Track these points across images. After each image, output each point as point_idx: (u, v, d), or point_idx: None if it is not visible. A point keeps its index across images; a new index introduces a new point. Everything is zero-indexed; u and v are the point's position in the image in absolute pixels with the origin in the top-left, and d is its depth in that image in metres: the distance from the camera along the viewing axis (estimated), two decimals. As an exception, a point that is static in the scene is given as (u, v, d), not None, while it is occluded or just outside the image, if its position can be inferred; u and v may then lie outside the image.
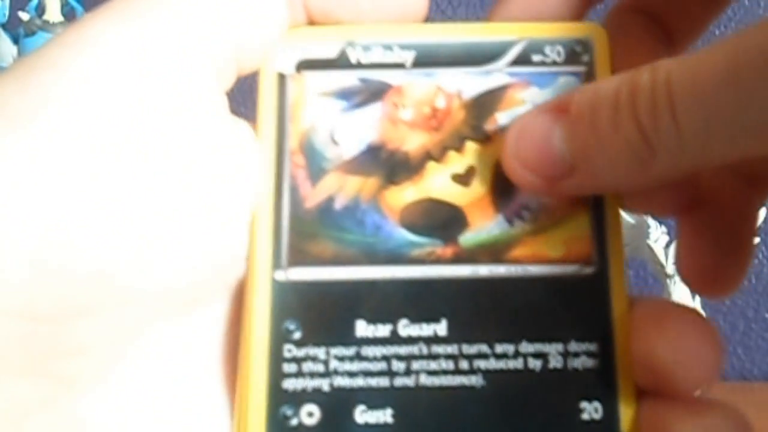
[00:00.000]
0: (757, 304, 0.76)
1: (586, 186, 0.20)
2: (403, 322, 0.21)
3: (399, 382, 0.20)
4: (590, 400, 0.20)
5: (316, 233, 0.21)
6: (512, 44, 0.22)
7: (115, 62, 0.19)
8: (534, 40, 0.22)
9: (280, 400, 0.20)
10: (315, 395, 0.20)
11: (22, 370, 0.18)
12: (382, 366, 0.20)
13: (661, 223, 0.60)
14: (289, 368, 0.20)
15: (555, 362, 0.20)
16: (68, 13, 0.67)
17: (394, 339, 0.21)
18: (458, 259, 0.21)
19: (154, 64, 0.19)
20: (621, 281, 0.21)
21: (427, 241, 0.21)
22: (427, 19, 0.23)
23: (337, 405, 0.20)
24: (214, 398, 0.21)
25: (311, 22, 0.22)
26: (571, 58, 0.22)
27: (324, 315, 0.21)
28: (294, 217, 0.21)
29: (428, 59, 0.22)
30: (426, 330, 0.21)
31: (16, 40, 0.67)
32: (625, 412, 0.20)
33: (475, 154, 0.22)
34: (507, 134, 0.21)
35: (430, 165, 0.22)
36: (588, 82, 0.22)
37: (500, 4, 0.23)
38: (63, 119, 0.18)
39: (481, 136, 0.22)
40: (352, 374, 0.20)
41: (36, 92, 0.18)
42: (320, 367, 0.20)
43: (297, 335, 0.21)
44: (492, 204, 0.22)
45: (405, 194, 0.22)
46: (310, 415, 0.20)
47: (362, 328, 0.21)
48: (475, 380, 0.20)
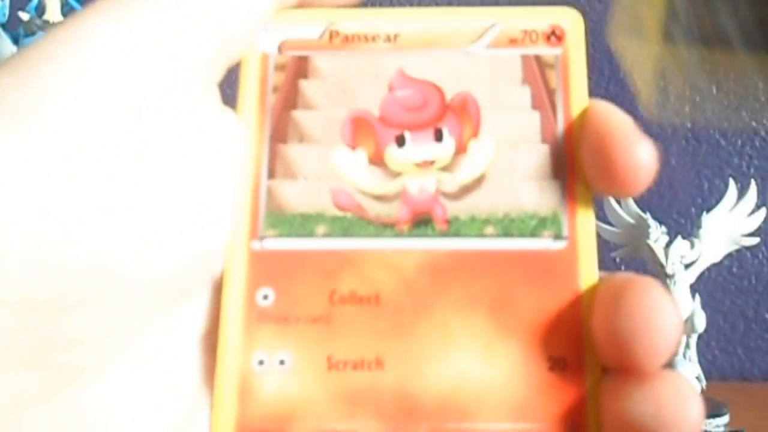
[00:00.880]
0: (757, 304, 0.76)
1: None
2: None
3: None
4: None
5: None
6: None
7: (109, 57, 0.19)
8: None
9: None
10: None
11: (21, 361, 0.18)
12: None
13: (661, 223, 0.60)
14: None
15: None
16: (68, 13, 0.67)
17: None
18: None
19: (147, 57, 0.20)
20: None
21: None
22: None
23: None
24: (202, 388, 0.21)
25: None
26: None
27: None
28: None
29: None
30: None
31: (16, 40, 0.67)
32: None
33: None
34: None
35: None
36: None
37: None
38: (59, 114, 0.18)
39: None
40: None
41: (33, 87, 0.18)
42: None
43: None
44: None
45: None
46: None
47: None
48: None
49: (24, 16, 0.67)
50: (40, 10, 0.67)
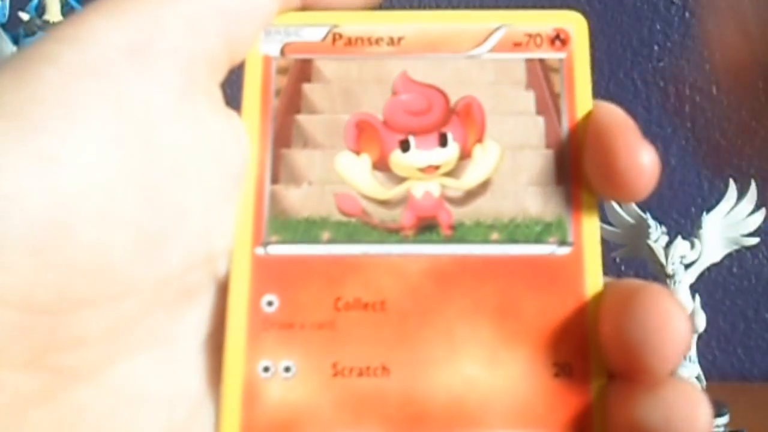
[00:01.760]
0: (757, 304, 0.76)
1: None
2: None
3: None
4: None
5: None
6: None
7: (111, 57, 0.19)
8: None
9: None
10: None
11: (22, 362, 0.18)
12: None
13: (661, 223, 0.60)
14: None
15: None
16: (68, 14, 0.67)
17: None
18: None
19: (149, 57, 0.20)
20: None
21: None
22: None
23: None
24: (206, 388, 0.21)
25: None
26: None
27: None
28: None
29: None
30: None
31: (16, 41, 0.67)
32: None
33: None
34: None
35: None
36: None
37: None
38: (58, 114, 0.18)
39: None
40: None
41: (32, 87, 0.18)
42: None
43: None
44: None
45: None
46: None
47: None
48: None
49: (24, 16, 0.67)
50: (40, 10, 0.67)
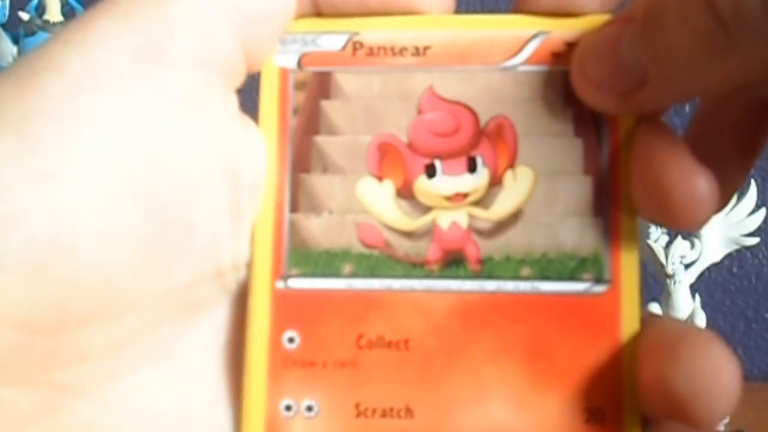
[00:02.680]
0: (757, 304, 0.76)
1: (660, 96, 0.19)
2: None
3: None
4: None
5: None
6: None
7: (118, 62, 0.18)
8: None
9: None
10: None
11: (21, 379, 0.17)
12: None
13: (661, 223, 0.60)
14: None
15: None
16: (68, 13, 0.67)
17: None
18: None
19: (160, 63, 0.19)
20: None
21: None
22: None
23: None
24: (214, 404, 0.20)
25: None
26: None
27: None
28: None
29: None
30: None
31: (16, 40, 0.67)
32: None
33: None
34: (574, 54, 0.20)
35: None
36: None
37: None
38: (61, 128, 0.17)
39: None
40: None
41: (35, 98, 0.18)
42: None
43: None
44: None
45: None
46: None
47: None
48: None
49: (24, 15, 0.67)
50: (41, 9, 0.67)
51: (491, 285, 0.20)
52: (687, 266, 0.60)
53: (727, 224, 0.60)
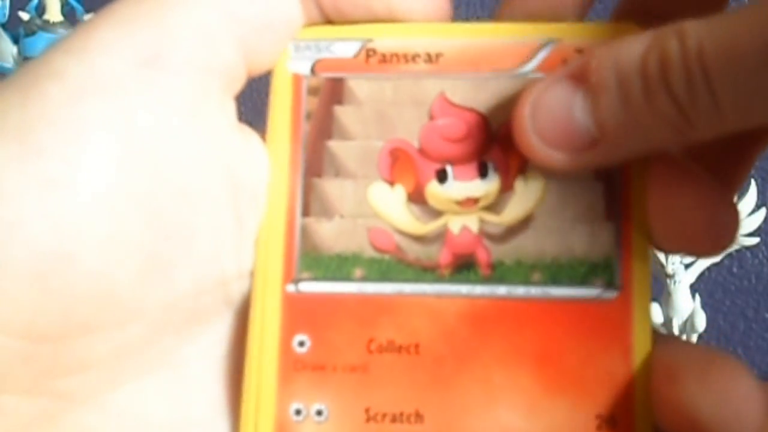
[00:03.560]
0: (757, 304, 0.76)
1: (611, 156, 0.19)
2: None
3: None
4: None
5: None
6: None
7: (119, 71, 0.18)
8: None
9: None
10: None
11: (23, 387, 0.17)
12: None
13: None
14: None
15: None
16: (68, 13, 0.67)
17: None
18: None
19: (161, 70, 0.19)
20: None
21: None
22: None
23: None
24: (214, 415, 0.20)
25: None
26: None
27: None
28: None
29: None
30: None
31: (16, 40, 0.67)
32: None
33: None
34: (518, 107, 0.20)
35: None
36: None
37: (507, 2, 0.22)
38: (63, 136, 0.18)
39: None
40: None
41: (37, 106, 0.18)
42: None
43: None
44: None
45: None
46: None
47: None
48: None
49: (24, 15, 0.67)
50: (41, 9, 0.67)
51: (502, 290, 0.20)
52: (687, 266, 0.60)
53: (727, 224, 0.60)
